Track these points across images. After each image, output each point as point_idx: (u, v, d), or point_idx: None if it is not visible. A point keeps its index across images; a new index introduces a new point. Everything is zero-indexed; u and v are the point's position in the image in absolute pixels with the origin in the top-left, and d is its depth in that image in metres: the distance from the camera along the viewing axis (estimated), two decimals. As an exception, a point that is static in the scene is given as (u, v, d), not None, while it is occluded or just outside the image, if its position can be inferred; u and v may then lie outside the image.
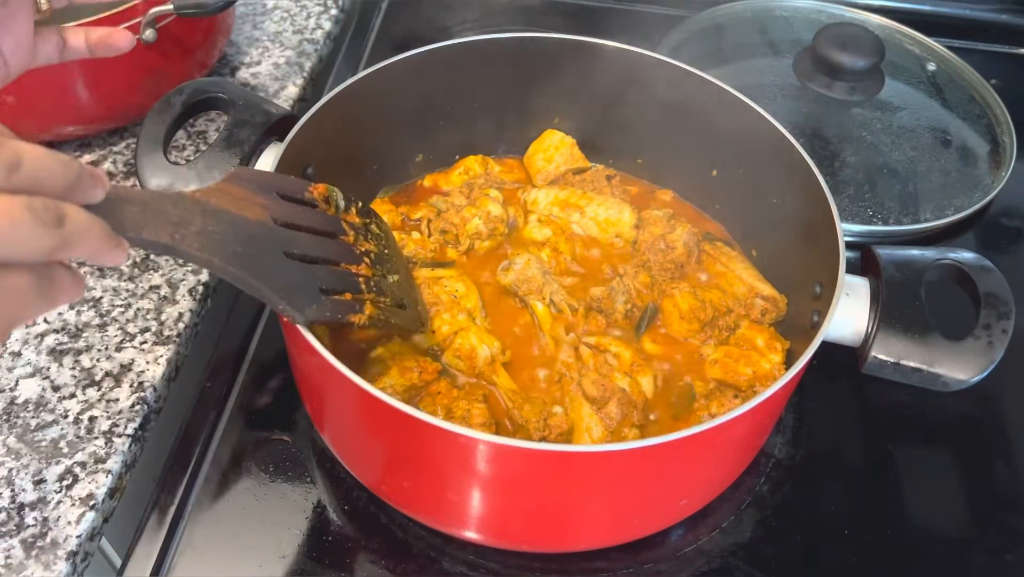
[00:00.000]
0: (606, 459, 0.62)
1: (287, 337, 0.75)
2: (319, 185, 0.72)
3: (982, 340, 0.72)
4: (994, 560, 0.78)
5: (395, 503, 0.76)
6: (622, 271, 0.87)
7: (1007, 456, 0.85)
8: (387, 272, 0.74)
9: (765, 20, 1.24)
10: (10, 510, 0.72)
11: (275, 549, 0.75)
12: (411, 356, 0.78)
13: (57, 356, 0.83)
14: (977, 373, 0.71)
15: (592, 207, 0.92)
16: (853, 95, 1.08)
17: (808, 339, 0.69)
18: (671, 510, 0.75)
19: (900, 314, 0.72)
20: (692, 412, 0.79)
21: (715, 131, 0.89)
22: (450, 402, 0.75)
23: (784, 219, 0.84)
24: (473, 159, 0.97)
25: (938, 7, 1.33)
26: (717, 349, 0.82)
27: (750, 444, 0.77)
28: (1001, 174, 1.04)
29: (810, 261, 0.80)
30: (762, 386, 0.79)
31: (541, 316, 0.83)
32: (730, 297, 0.86)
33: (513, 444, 0.61)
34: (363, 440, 0.74)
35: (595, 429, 0.75)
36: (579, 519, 0.71)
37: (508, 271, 0.85)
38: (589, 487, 0.66)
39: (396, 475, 0.73)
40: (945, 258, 0.76)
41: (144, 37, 0.93)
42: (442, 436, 0.62)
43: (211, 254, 0.57)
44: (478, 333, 0.80)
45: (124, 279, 0.89)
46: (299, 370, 0.78)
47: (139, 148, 0.79)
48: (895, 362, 0.72)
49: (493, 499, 0.69)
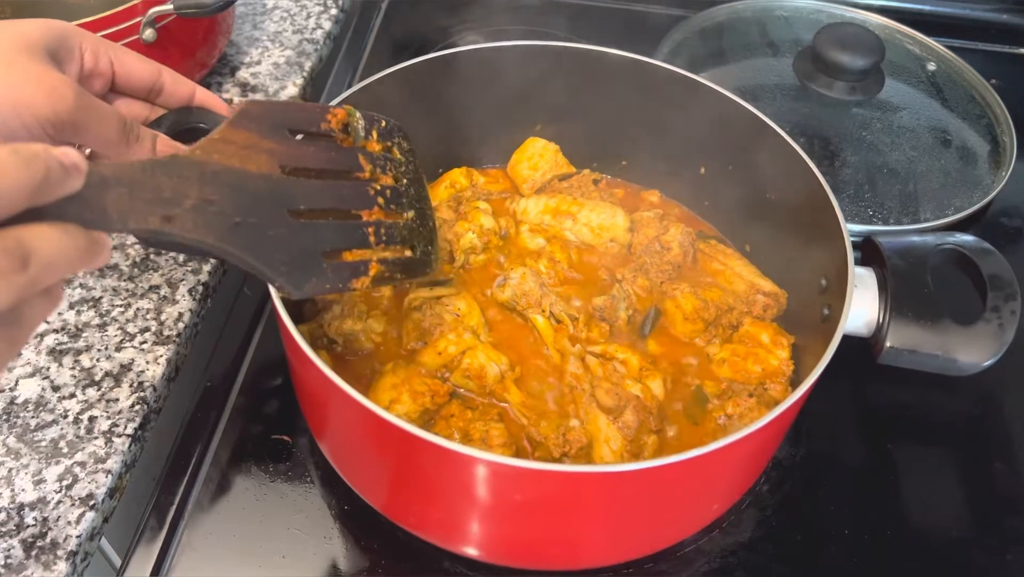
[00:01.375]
0: (655, 474, 0.61)
1: (292, 357, 0.73)
2: (338, 111, 0.67)
3: (992, 323, 0.72)
4: (994, 560, 0.78)
5: (405, 524, 0.74)
6: (620, 276, 0.87)
7: (1007, 456, 0.85)
8: (402, 209, 0.70)
9: (765, 20, 1.24)
10: (10, 510, 0.72)
11: (275, 549, 0.75)
12: (419, 379, 0.76)
13: (57, 356, 0.83)
14: (992, 355, 0.72)
15: (584, 213, 0.91)
16: (853, 95, 1.08)
17: (817, 332, 0.69)
18: (707, 514, 0.75)
19: (910, 302, 0.73)
20: (707, 414, 0.78)
21: (701, 129, 0.89)
22: (465, 424, 0.74)
23: (780, 213, 0.84)
24: (458, 172, 0.96)
25: (938, 7, 1.33)
26: (723, 348, 0.82)
27: (776, 442, 0.78)
28: (1001, 174, 1.04)
29: (810, 253, 0.80)
30: (772, 382, 0.80)
31: (543, 329, 0.82)
32: (730, 295, 0.86)
33: (555, 469, 0.61)
34: (376, 466, 0.72)
35: (614, 440, 0.74)
36: (614, 535, 0.71)
37: (505, 287, 0.84)
38: (630, 502, 0.66)
39: (409, 500, 0.72)
40: (946, 243, 0.77)
41: (144, 37, 0.93)
42: (470, 464, 0.61)
43: (204, 234, 0.53)
44: (485, 351, 0.79)
45: (124, 279, 0.89)
46: (305, 393, 0.76)
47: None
48: (911, 350, 0.72)
49: (521, 524, 0.68)
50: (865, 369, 0.78)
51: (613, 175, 1.00)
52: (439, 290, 0.83)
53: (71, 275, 0.87)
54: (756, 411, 0.77)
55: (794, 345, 0.82)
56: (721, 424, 0.78)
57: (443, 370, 0.79)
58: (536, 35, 1.22)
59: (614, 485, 0.62)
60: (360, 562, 0.75)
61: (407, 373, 0.77)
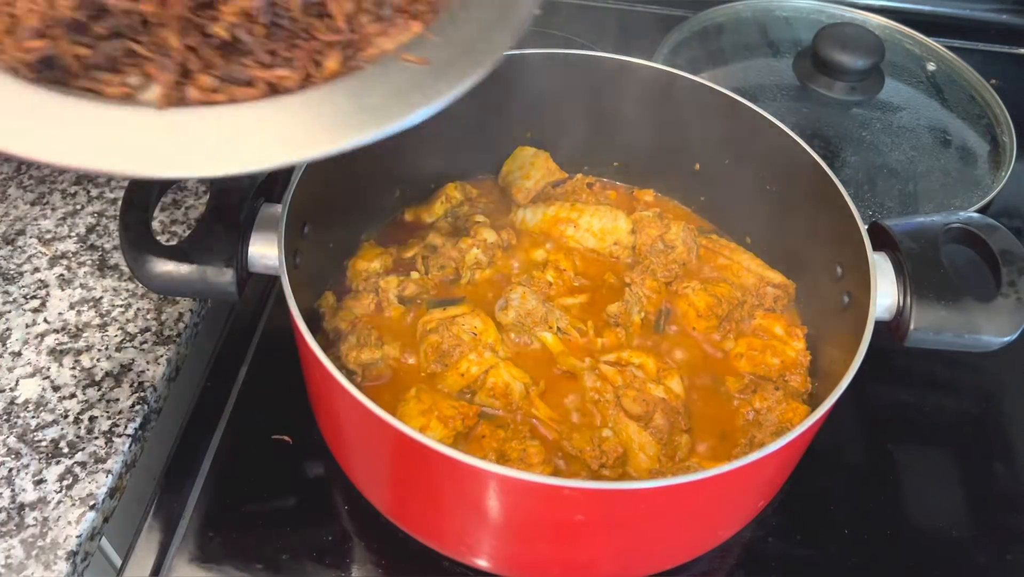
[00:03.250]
0: (714, 482, 0.61)
1: (321, 386, 0.71)
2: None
3: (1011, 297, 0.73)
4: (994, 560, 0.78)
5: (431, 544, 0.74)
6: (629, 280, 0.87)
7: (1007, 456, 0.86)
8: None
9: (765, 20, 1.24)
10: (10, 510, 0.72)
11: (275, 549, 0.75)
12: (447, 404, 0.75)
13: (57, 356, 0.83)
14: (1015, 329, 0.72)
15: (585, 218, 0.90)
16: (853, 95, 1.08)
17: (836, 320, 0.69)
18: (751, 515, 0.75)
19: (929, 283, 0.73)
20: (735, 410, 0.78)
21: (694, 125, 0.89)
22: (499, 444, 0.73)
23: (781, 204, 0.84)
24: (452, 187, 0.95)
25: (938, 7, 1.33)
26: (738, 342, 0.83)
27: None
28: (1001, 174, 1.04)
29: (818, 242, 0.80)
30: (792, 373, 0.80)
31: (552, 347, 0.82)
32: (739, 288, 0.86)
33: (618, 487, 0.61)
34: (407, 488, 0.71)
35: (649, 447, 0.74)
36: (660, 544, 0.71)
37: (507, 310, 0.82)
38: (687, 510, 0.66)
39: (442, 522, 0.72)
40: (953, 221, 0.77)
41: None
42: (524, 488, 0.61)
43: None
44: (508, 368, 0.78)
45: (124, 279, 0.89)
46: (330, 417, 0.75)
47: (123, 235, 0.71)
48: (937, 331, 0.73)
49: (569, 542, 0.68)
50: (865, 369, 0.78)
51: (606, 177, 1.00)
52: (452, 310, 0.82)
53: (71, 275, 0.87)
54: (784, 404, 0.77)
55: (808, 335, 0.82)
56: (751, 419, 0.78)
57: (466, 391, 0.78)
58: (535, 35, 1.22)
59: (690, 492, 0.63)
60: (361, 562, 0.75)
61: (432, 398, 0.75)
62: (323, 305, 0.84)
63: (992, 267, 0.75)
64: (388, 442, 0.65)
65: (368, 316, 0.83)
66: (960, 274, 0.74)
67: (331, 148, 0.54)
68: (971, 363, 0.90)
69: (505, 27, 0.63)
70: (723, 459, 0.75)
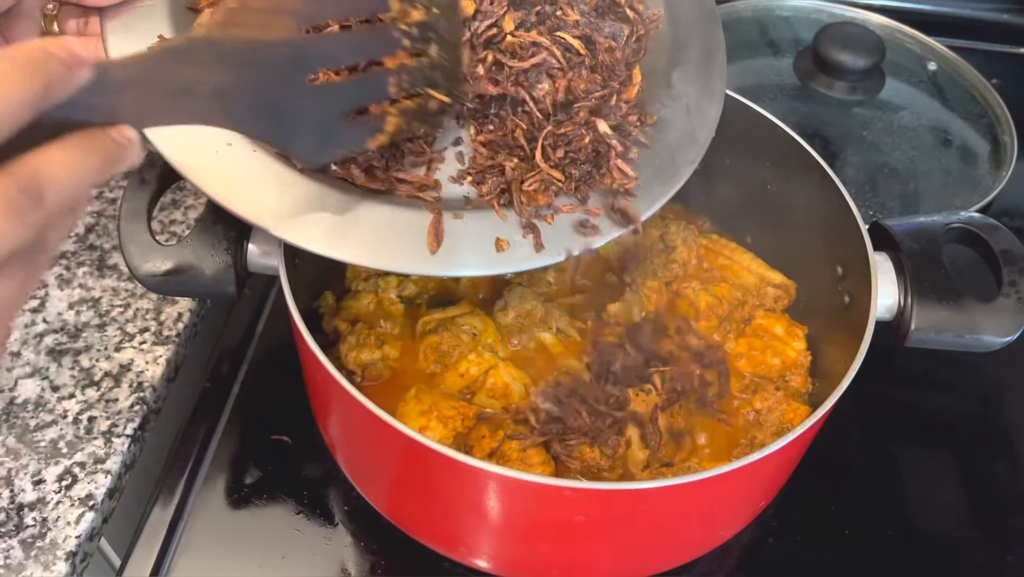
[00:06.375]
0: (715, 483, 0.61)
1: (322, 386, 0.71)
2: None
3: (1012, 297, 0.73)
4: (994, 560, 0.78)
5: (432, 544, 0.74)
6: (629, 280, 0.86)
7: (1007, 456, 0.85)
8: (430, 40, 0.61)
9: (765, 20, 1.24)
10: (9, 510, 0.72)
11: (275, 549, 0.75)
12: (446, 404, 0.75)
13: (56, 356, 0.82)
14: (1017, 329, 0.72)
15: None
16: (854, 95, 1.08)
17: (836, 320, 0.69)
18: (751, 516, 0.75)
19: (930, 284, 0.73)
20: (734, 411, 0.78)
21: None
22: (499, 445, 0.73)
23: (782, 204, 0.84)
24: None
25: (939, 7, 1.33)
26: (738, 342, 0.82)
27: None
28: (1002, 174, 1.04)
29: (819, 242, 0.80)
30: (792, 374, 0.80)
31: (552, 347, 0.81)
32: (739, 289, 0.86)
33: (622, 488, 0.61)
34: (407, 488, 0.71)
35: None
36: (661, 545, 0.71)
37: (506, 311, 0.82)
38: (688, 511, 0.66)
39: (444, 522, 0.72)
40: (954, 221, 0.77)
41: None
42: (524, 489, 0.61)
43: (222, 120, 0.51)
44: (508, 369, 0.78)
45: (124, 279, 0.89)
46: (330, 417, 0.75)
47: (123, 235, 0.71)
48: (938, 331, 0.73)
49: (566, 543, 0.68)
50: (866, 369, 0.78)
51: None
52: (451, 310, 0.81)
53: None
54: (785, 404, 0.77)
55: (808, 335, 0.82)
56: (751, 419, 0.78)
57: (466, 392, 0.78)
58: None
59: (691, 493, 0.63)
60: (361, 563, 0.75)
61: (432, 398, 0.75)
62: (322, 305, 0.84)
63: (993, 267, 0.75)
64: (388, 443, 0.65)
65: (368, 316, 0.83)
66: (961, 274, 0.74)
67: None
68: (972, 363, 0.90)
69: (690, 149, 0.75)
70: (723, 459, 0.75)
